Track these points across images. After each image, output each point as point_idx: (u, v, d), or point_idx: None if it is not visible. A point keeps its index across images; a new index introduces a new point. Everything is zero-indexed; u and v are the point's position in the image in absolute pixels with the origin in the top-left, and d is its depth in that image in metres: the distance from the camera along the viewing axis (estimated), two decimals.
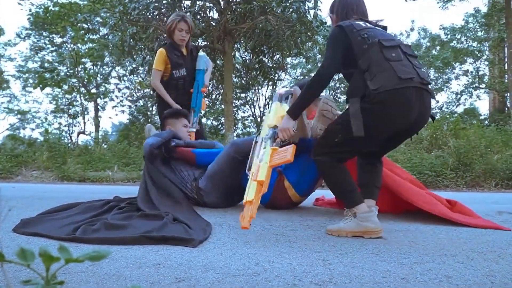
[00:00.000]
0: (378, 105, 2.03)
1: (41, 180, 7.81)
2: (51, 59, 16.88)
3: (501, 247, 1.89)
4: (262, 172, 2.03)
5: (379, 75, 2.05)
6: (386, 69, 2.05)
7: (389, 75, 2.04)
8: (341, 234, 2.15)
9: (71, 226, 2.14)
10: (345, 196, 2.19)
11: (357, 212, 2.12)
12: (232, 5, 9.73)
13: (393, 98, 2.02)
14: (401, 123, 2.10)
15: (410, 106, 2.04)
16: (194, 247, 1.85)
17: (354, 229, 2.12)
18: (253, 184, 2.00)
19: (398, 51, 2.14)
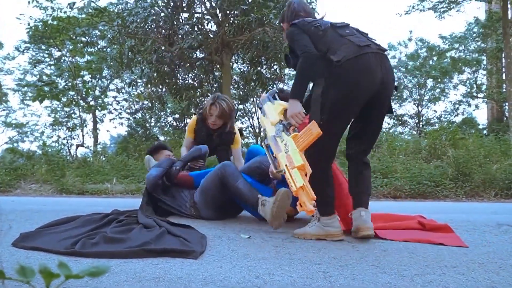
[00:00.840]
0: (343, 76, 2.18)
1: (40, 193, 7.78)
2: (49, 72, 16.92)
3: (502, 258, 1.89)
4: (295, 158, 2.09)
5: (340, 48, 2.23)
6: (345, 42, 2.26)
7: (348, 46, 2.23)
8: (306, 237, 2.34)
9: (70, 240, 2.13)
10: (323, 205, 2.29)
11: (321, 217, 2.31)
12: (230, 17, 9.79)
13: (356, 64, 2.18)
14: (368, 89, 2.22)
15: (372, 69, 2.21)
16: (195, 258, 1.86)
17: (317, 232, 2.32)
18: (295, 172, 2.04)
19: (350, 28, 2.39)
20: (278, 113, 2.44)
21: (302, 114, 2.27)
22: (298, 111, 2.27)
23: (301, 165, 2.05)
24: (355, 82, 2.18)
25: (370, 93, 2.23)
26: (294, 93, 2.32)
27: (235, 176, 2.82)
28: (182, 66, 10.80)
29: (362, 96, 2.23)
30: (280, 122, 2.37)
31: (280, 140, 2.28)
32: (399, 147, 9.03)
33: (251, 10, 8.77)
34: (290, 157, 2.12)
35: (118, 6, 10.05)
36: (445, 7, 13.59)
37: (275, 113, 2.45)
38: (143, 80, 11.13)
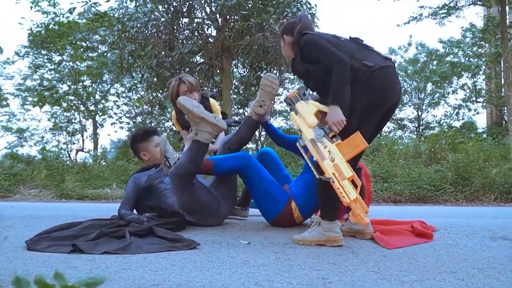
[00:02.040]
0: (375, 83, 2.25)
1: (39, 198, 7.77)
2: (50, 77, 16.94)
3: (501, 263, 1.88)
4: (344, 168, 2.12)
5: (369, 57, 2.32)
6: (371, 53, 2.36)
7: (376, 56, 2.34)
8: (305, 243, 2.33)
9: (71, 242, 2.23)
10: (329, 211, 2.31)
11: (322, 222, 2.30)
12: (230, 22, 9.80)
13: (386, 74, 2.28)
14: (392, 99, 2.33)
15: (396, 81, 2.36)
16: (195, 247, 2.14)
17: (318, 238, 2.31)
18: (346, 183, 2.08)
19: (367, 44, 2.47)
20: (313, 115, 2.37)
21: (343, 122, 2.22)
22: (340, 118, 2.22)
23: (350, 176, 2.08)
24: (385, 91, 2.28)
25: (391, 103, 2.33)
26: (336, 99, 2.25)
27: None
28: (182, 71, 10.80)
29: (387, 106, 2.32)
30: (319, 126, 2.31)
31: (322, 145, 2.23)
32: (399, 151, 9.02)
33: (251, 15, 8.78)
34: (339, 167, 2.12)
35: (119, 11, 10.08)
36: (444, 13, 13.61)
37: (310, 114, 2.38)
38: (143, 85, 11.14)
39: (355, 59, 2.29)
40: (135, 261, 1.93)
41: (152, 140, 3.27)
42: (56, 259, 1.98)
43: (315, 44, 2.38)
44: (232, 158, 2.90)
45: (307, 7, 9.35)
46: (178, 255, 2.05)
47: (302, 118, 2.39)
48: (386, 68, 2.28)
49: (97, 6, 8.37)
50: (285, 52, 2.71)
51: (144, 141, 3.27)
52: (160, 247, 2.20)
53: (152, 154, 3.25)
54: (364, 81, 2.24)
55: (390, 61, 2.35)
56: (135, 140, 3.30)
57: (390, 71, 2.30)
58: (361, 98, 2.25)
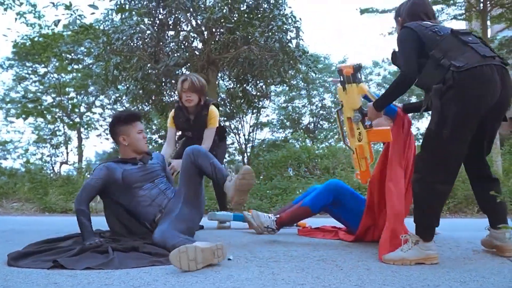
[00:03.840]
0: (465, 87, 2.08)
1: (22, 212, 7.64)
2: (34, 89, 16.79)
3: (483, 276, 1.90)
4: (366, 151, 2.47)
5: (461, 55, 2.13)
6: (467, 50, 2.16)
7: (471, 54, 2.14)
8: (404, 262, 2.19)
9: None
10: (426, 228, 2.25)
11: (422, 241, 2.21)
12: (216, 35, 9.85)
13: (478, 75, 2.07)
14: (488, 102, 2.11)
15: (494, 82, 2.09)
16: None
17: (417, 256, 2.20)
18: (362, 161, 2.51)
19: (473, 36, 2.29)
20: (358, 98, 2.47)
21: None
22: (375, 117, 2.41)
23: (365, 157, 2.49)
24: (478, 95, 2.09)
25: (488, 107, 2.13)
26: (379, 105, 2.37)
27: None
28: (168, 83, 10.80)
29: (483, 110, 2.14)
30: (359, 110, 2.45)
31: (356, 127, 2.48)
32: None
33: (237, 28, 8.84)
34: (362, 147, 2.47)
35: (104, 24, 10.06)
36: None
37: (357, 97, 2.47)
38: (128, 97, 11.10)
39: (448, 57, 2.15)
40: (118, 276, 1.90)
41: (135, 125, 2.95)
42: (37, 275, 1.94)
43: (399, 38, 2.35)
44: (322, 193, 2.88)
45: (292, 20, 9.44)
46: (161, 270, 2.03)
47: (348, 96, 2.48)
48: (481, 68, 2.08)
49: (82, 18, 8.34)
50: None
51: (128, 124, 2.93)
52: (144, 262, 2.18)
53: (132, 141, 2.91)
54: (452, 85, 2.09)
55: (493, 59, 2.13)
56: (118, 121, 2.97)
57: (485, 71, 2.08)
58: (452, 104, 2.10)
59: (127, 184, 2.78)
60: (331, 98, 20.11)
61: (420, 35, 2.26)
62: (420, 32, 2.27)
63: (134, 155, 2.94)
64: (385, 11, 13.11)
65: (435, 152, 2.18)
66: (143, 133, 2.96)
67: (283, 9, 9.53)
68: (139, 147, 2.93)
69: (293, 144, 13.16)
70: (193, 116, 3.75)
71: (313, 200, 2.88)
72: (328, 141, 18.03)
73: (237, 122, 17.66)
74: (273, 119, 20.54)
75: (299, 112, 20.37)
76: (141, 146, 2.93)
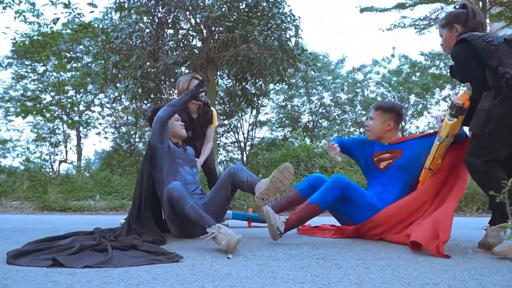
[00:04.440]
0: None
1: (21, 210, 7.65)
2: (33, 88, 16.76)
3: (482, 275, 1.90)
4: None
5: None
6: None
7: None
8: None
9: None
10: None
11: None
12: (215, 34, 9.85)
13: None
14: None
15: None
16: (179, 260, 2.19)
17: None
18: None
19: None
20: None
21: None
22: None
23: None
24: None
25: None
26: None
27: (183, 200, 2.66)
28: (167, 82, 10.81)
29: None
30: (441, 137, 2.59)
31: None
32: None
33: (236, 26, 8.84)
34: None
35: (103, 22, 10.06)
36: (425, 24, 13.85)
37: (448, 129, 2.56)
38: (127, 96, 11.10)
39: (503, 65, 2.26)
40: (117, 275, 1.90)
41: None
42: (36, 273, 1.94)
43: (459, 56, 2.50)
44: (331, 188, 2.88)
45: (291, 19, 9.44)
46: (161, 268, 2.03)
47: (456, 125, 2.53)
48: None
49: (81, 17, 8.34)
50: (449, 42, 2.66)
51: None
52: (143, 260, 2.18)
53: (172, 126, 3.18)
54: (505, 91, 2.22)
55: None
56: (156, 111, 3.16)
57: None
58: (498, 108, 2.24)
59: (172, 155, 3.05)
60: (330, 97, 20.12)
61: (476, 46, 2.39)
62: (475, 43, 2.40)
63: (175, 140, 3.21)
64: (384, 10, 13.11)
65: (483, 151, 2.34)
66: (180, 121, 3.27)
67: (282, 8, 9.53)
68: (178, 132, 3.22)
69: (292, 143, 13.17)
70: (196, 115, 3.79)
71: (323, 196, 2.84)
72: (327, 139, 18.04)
73: (236, 121, 17.66)
74: (272, 117, 20.54)
75: (298, 111, 20.37)
76: (180, 131, 3.24)
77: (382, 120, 3.08)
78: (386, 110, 3.11)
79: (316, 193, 2.88)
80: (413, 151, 3.01)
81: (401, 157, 3.01)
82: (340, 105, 20.01)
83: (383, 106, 3.13)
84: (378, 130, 3.10)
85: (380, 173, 3.08)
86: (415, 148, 3.01)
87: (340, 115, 20.34)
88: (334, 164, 9.24)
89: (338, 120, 20.41)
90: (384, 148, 3.12)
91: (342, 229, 3.10)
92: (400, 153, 3.03)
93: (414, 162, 2.96)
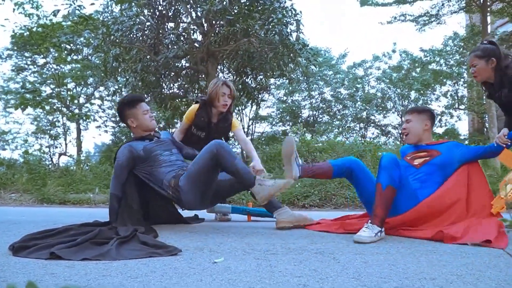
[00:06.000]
0: None
1: (20, 202, 7.66)
2: (33, 80, 16.73)
3: (480, 270, 1.91)
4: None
5: None
6: None
7: None
8: None
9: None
10: None
11: None
12: (216, 28, 9.82)
13: None
14: None
15: None
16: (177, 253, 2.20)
17: None
18: None
19: None
20: None
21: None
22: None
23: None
24: None
25: None
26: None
27: (232, 155, 2.87)
28: (167, 75, 10.79)
29: None
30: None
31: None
32: None
33: (237, 20, 8.81)
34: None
35: (104, 15, 10.02)
36: (425, 20, 13.81)
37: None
38: (127, 89, 11.08)
39: None
40: (115, 267, 1.91)
41: (140, 107, 3.19)
42: (34, 265, 1.95)
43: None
44: (346, 160, 3.02)
45: (292, 13, 9.41)
46: (159, 261, 2.04)
47: None
48: None
49: (81, 9, 8.31)
50: (484, 73, 3.08)
51: (132, 107, 3.19)
52: (141, 253, 2.18)
53: (140, 121, 3.18)
54: None
55: None
56: (122, 106, 3.23)
57: None
58: None
59: (148, 154, 3.09)
60: (330, 92, 20.09)
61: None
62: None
63: (145, 133, 3.22)
64: (385, 4, 13.06)
65: None
66: (149, 113, 3.20)
67: (283, 2, 9.49)
68: (147, 126, 3.20)
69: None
70: (216, 120, 3.74)
71: (337, 163, 3.00)
72: (327, 134, 18.03)
73: (236, 115, 17.65)
74: (273, 112, 20.53)
75: (298, 106, 20.35)
76: (149, 124, 3.20)
77: (420, 121, 3.14)
78: (421, 112, 3.19)
79: (382, 176, 2.73)
80: (451, 153, 3.06)
81: (439, 156, 3.04)
82: (340, 100, 20.00)
83: (417, 108, 3.25)
84: (417, 130, 3.15)
85: (416, 169, 3.08)
86: (453, 151, 3.07)
87: (340, 110, 20.34)
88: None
89: (339, 116, 20.42)
90: (420, 148, 3.17)
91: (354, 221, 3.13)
92: (437, 153, 3.06)
93: (451, 164, 3.02)
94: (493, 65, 3.03)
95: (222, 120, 3.74)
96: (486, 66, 3.05)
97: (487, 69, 3.05)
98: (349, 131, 20.13)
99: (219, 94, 3.60)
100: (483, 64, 3.06)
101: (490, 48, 3.06)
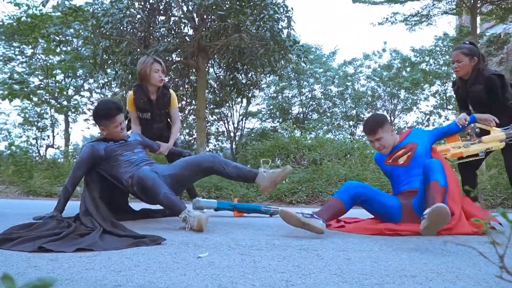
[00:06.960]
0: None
1: (6, 194, 7.59)
2: (21, 71, 16.54)
3: (459, 268, 1.94)
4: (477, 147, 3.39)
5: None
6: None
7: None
8: None
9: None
10: None
11: None
12: (207, 22, 9.79)
13: None
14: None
15: None
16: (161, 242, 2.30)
17: None
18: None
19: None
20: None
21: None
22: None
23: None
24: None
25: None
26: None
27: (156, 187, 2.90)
28: None
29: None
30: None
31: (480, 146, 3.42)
32: (371, 155, 9.16)
33: (228, 16, 8.79)
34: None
35: (94, 6, 9.93)
36: (416, 21, 13.89)
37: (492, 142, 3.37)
38: (117, 82, 11.00)
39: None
40: (99, 261, 1.91)
41: (114, 120, 3.20)
42: (17, 258, 1.94)
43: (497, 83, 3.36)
44: (352, 187, 2.96)
45: (284, 10, 9.40)
46: (143, 255, 2.04)
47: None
48: None
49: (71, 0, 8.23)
50: (466, 68, 3.45)
51: (106, 120, 3.22)
52: (128, 243, 2.24)
53: (110, 132, 3.27)
54: None
55: None
56: (97, 116, 3.30)
57: None
58: None
59: (109, 154, 3.19)
60: (321, 89, 20.14)
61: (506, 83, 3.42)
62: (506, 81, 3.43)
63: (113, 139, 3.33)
64: (376, 3, 13.11)
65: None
66: (121, 125, 3.26)
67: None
68: (116, 137, 3.29)
69: (281, 134, 13.20)
70: (155, 96, 3.89)
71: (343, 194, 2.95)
72: (317, 131, 18.09)
73: (227, 110, 17.62)
74: (263, 108, 20.53)
75: (288, 102, 20.38)
76: (118, 136, 3.29)
77: (386, 132, 3.14)
78: (382, 124, 3.16)
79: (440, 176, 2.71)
80: (423, 139, 3.18)
81: (418, 147, 3.11)
82: (330, 98, 20.06)
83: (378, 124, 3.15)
84: (389, 141, 3.16)
85: (405, 167, 3.10)
86: (424, 137, 3.20)
87: (330, 107, 20.40)
88: (323, 156, 9.27)
89: (328, 113, 20.47)
90: (395, 149, 3.19)
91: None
92: (414, 144, 3.13)
93: (428, 149, 3.16)
94: (474, 63, 3.43)
95: (161, 95, 3.91)
96: (469, 63, 3.43)
97: (469, 66, 3.43)
98: (338, 128, 20.20)
99: (152, 71, 3.77)
100: (467, 61, 3.43)
101: (474, 49, 3.46)
